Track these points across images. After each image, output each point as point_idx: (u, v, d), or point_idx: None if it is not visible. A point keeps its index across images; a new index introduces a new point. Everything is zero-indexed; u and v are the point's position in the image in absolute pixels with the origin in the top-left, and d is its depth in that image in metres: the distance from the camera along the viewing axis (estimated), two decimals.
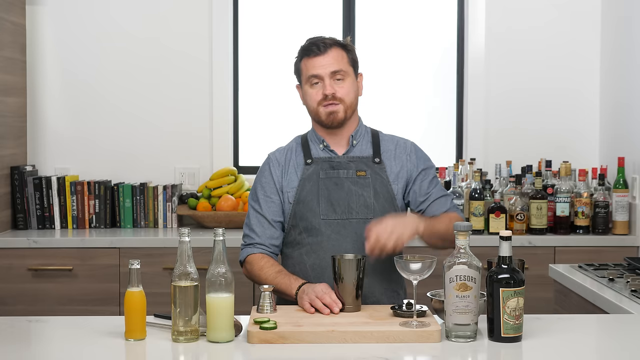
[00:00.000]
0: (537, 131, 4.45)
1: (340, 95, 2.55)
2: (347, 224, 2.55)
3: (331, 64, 2.55)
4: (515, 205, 3.99)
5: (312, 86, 2.57)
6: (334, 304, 2.28)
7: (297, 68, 2.65)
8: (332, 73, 2.55)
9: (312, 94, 2.58)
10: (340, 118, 2.57)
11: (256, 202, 2.64)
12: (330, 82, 2.55)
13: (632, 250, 3.91)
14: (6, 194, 4.11)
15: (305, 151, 2.63)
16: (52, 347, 2.15)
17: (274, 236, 2.61)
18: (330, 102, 2.55)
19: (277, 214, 2.62)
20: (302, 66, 2.61)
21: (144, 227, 4.22)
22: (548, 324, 2.25)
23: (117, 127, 4.42)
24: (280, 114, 4.56)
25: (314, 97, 2.57)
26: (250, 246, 2.62)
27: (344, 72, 2.56)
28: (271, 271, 2.52)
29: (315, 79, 2.56)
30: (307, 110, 2.64)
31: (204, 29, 4.42)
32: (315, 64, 2.56)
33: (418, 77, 4.60)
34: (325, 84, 2.55)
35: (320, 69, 2.55)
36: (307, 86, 2.59)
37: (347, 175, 2.59)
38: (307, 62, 2.58)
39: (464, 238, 2.10)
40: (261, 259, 2.57)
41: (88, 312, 3.73)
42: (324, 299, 2.29)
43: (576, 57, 4.44)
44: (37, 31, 4.38)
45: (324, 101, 2.55)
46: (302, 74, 2.62)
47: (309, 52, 2.58)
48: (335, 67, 2.55)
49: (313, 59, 2.56)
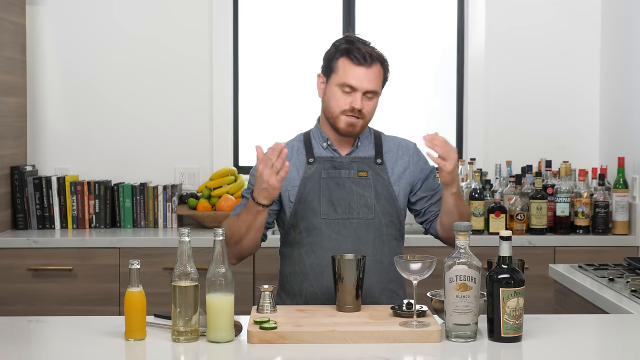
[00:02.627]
0: (537, 131, 4.45)
1: (365, 112, 2.53)
2: (348, 224, 2.55)
3: (370, 81, 2.51)
4: (515, 205, 3.99)
5: (343, 92, 2.52)
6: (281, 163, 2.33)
7: (330, 61, 2.56)
8: (367, 91, 2.52)
9: (341, 100, 2.52)
10: (357, 132, 2.57)
11: (247, 191, 2.62)
12: (361, 97, 2.51)
13: (632, 250, 3.91)
14: (6, 194, 4.11)
15: (308, 150, 2.62)
16: (52, 347, 2.15)
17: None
18: (354, 115, 2.52)
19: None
20: (339, 65, 2.53)
21: (144, 227, 4.22)
22: (548, 324, 2.25)
23: (117, 127, 4.42)
24: (281, 114, 4.56)
25: (341, 104, 2.52)
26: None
27: (376, 92, 2.54)
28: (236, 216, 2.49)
29: (349, 88, 2.51)
30: (325, 107, 2.58)
31: (204, 29, 4.42)
32: (356, 74, 2.50)
33: (418, 77, 4.60)
34: (356, 98, 2.50)
35: (359, 82, 2.50)
36: (337, 89, 2.53)
37: (349, 175, 2.58)
38: (348, 66, 2.51)
39: (464, 238, 2.10)
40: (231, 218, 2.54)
41: (88, 312, 3.73)
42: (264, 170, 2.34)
43: (576, 57, 4.44)
44: (37, 31, 4.38)
45: (349, 112, 2.52)
46: (336, 72, 2.53)
47: (354, 59, 2.51)
48: (373, 87, 2.52)
49: (357, 67, 2.50)
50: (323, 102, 2.60)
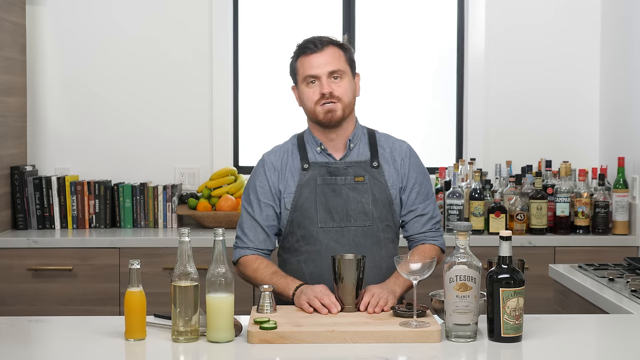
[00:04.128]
0: (537, 131, 4.45)
1: (338, 94, 2.52)
2: (346, 231, 2.53)
3: (328, 63, 2.52)
4: (515, 205, 3.99)
5: (308, 85, 2.54)
6: (333, 305, 2.27)
7: (292, 68, 2.62)
8: (330, 73, 2.52)
9: (309, 93, 2.54)
10: (338, 117, 2.54)
11: (249, 206, 2.60)
12: (327, 81, 2.51)
13: (632, 250, 3.91)
14: (6, 194, 4.11)
15: (302, 154, 2.60)
16: (52, 347, 2.15)
17: (266, 241, 2.59)
18: (328, 100, 2.52)
19: (271, 219, 2.59)
20: (298, 65, 2.58)
21: (144, 227, 4.22)
22: (548, 324, 2.25)
23: (117, 127, 4.42)
24: (281, 114, 4.56)
25: (311, 96, 2.54)
26: (243, 249, 2.60)
27: (341, 71, 2.53)
28: (267, 272, 2.50)
29: (311, 78, 2.53)
30: (304, 111, 2.61)
31: (204, 29, 4.42)
32: (312, 63, 2.53)
33: (418, 78, 4.60)
34: (322, 83, 2.51)
35: (317, 68, 2.52)
36: (304, 86, 2.55)
37: (345, 181, 2.55)
38: (303, 60, 2.55)
39: (464, 238, 2.10)
40: (255, 260, 2.55)
41: (88, 312, 3.73)
42: (323, 299, 2.28)
43: (576, 57, 4.44)
44: (37, 31, 4.38)
45: (322, 100, 2.52)
46: (298, 73, 2.58)
47: (304, 50, 2.55)
48: (333, 67, 2.52)
49: (309, 56, 2.53)
50: (302, 107, 2.62)
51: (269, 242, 2.60)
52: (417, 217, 2.60)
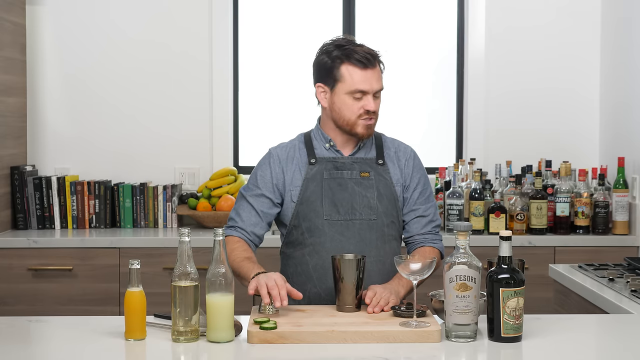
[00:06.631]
0: (537, 131, 4.45)
1: (376, 110, 2.56)
2: (351, 225, 2.55)
3: (377, 81, 2.53)
4: (515, 205, 3.99)
5: (354, 99, 2.52)
6: (279, 299, 2.22)
7: (330, 69, 2.54)
8: (376, 91, 2.54)
9: (354, 107, 2.53)
10: (373, 131, 2.60)
11: (248, 192, 2.61)
12: (372, 98, 2.53)
13: (632, 250, 3.91)
14: (6, 194, 4.11)
15: (309, 150, 2.61)
16: (52, 347, 2.15)
17: (258, 225, 2.59)
18: (370, 117, 2.54)
19: (266, 206, 2.59)
20: (344, 72, 2.52)
21: (144, 227, 4.22)
22: (548, 324, 2.25)
23: (117, 127, 4.42)
24: (281, 114, 4.56)
25: (355, 110, 2.53)
26: (231, 229, 2.59)
27: (382, 89, 2.57)
28: (240, 256, 2.48)
29: (360, 93, 2.52)
30: (337, 117, 2.56)
31: (204, 29, 4.41)
32: (364, 79, 2.51)
33: (418, 77, 4.60)
34: (370, 101, 2.52)
35: (369, 85, 2.51)
36: (347, 96, 2.52)
37: (351, 176, 2.58)
38: (354, 71, 2.51)
39: (464, 238, 2.10)
40: (236, 242, 2.54)
41: (88, 312, 3.73)
42: (272, 289, 2.25)
43: (576, 58, 4.44)
44: (37, 31, 4.38)
45: (365, 115, 2.53)
46: (342, 80, 2.52)
47: (358, 63, 2.51)
48: (380, 86, 2.54)
49: (363, 71, 2.51)
50: (332, 111, 2.57)
51: (260, 227, 2.59)
52: (418, 218, 2.62)
